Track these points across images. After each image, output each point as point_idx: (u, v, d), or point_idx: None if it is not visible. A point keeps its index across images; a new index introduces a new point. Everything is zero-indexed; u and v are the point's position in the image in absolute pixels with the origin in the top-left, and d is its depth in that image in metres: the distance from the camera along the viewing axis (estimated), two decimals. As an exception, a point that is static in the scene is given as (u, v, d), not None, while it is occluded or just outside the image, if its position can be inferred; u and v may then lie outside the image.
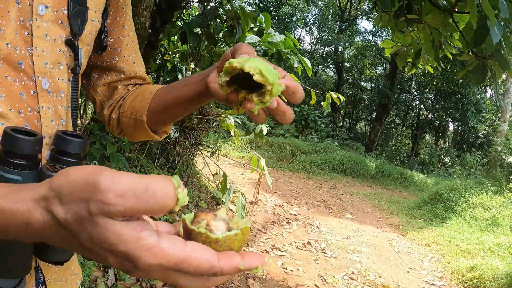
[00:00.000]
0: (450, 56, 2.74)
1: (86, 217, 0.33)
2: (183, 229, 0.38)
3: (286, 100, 0.54)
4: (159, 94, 0.76)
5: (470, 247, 5.26)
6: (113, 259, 0.34)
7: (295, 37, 21.05)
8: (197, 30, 3.41)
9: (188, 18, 3.47)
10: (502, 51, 1.69)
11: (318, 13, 22.52)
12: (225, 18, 3.55)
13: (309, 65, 4.31)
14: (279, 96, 0.52)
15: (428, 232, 5.99)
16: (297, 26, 21.54)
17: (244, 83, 0.51)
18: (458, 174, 11.71)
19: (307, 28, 23.85)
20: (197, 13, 3.15)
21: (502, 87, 9.40)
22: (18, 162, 0.48)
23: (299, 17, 20.76)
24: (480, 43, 1.60)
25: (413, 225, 6.38)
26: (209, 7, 3.13)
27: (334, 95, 4.60)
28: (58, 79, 0.63)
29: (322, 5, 22.20)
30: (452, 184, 7.88)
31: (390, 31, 3.36)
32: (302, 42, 23.51)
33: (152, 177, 0.33)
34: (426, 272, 4.48)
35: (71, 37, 0.63)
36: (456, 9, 1.69)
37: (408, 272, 4.41)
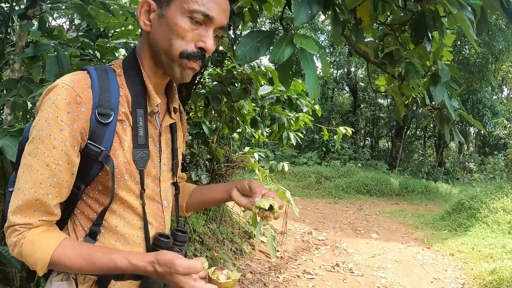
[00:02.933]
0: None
1: (169, 273, 0.87)
2: (208, 275, 0.96)
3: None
4: (195, 193, 1.26)
5: (493, 251, 5.52)
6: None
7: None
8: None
9: (209, 85, 4.24)
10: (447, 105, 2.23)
11: (327, 38, 23.26)
12: (240, 80, 4.20)
13: (317, 107, 4.90)
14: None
15: (453, 242, 6.26)
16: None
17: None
18: (478, 181, 11.81)
19: (317, 55, 24.55)
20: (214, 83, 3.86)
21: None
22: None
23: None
24: (431, 102, 2.16)
25: (437, 237, 6.67)
26: (224, 74, 3.80)
27: (343, 129, 5.18)
28: (169, 198, 1.14)
29: (329, 30, 22.97)
30: (473, 192, 8.12)
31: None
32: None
33: (195, 261, 0.91)
34: (450, 281, 4.82)
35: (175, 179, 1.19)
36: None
37: (432, 282, 4.76)
